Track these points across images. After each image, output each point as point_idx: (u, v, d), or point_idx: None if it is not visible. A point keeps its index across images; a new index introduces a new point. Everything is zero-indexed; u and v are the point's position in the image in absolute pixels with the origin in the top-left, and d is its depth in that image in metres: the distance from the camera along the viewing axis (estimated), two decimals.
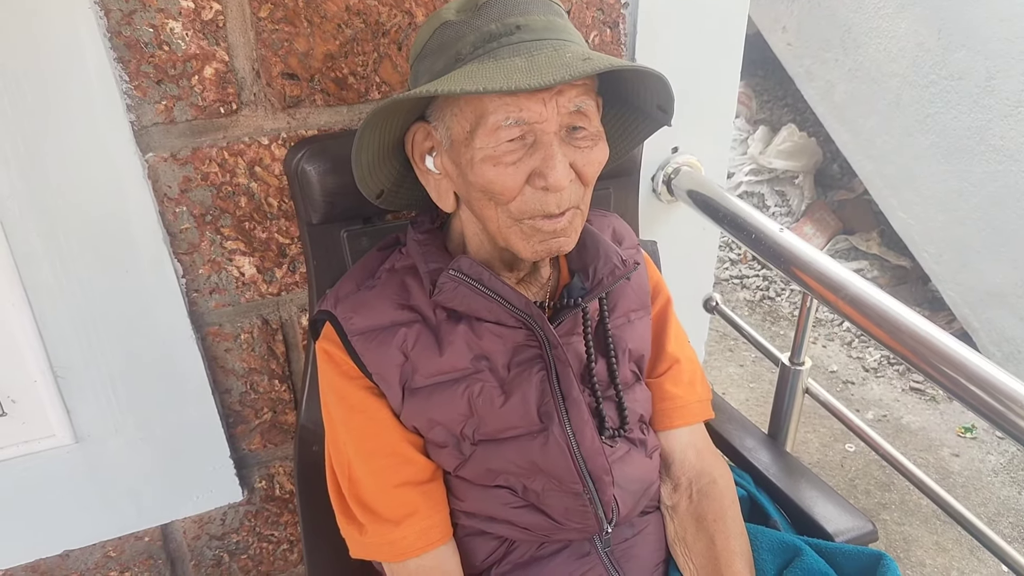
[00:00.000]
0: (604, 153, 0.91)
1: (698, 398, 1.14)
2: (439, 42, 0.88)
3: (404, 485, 0.97)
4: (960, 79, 3.07)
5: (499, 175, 0.86)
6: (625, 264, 1.02)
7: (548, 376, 0.97)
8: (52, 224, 1.11)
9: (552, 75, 0.77)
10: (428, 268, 0.97)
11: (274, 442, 1.45)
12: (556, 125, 0.85)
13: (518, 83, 0.77)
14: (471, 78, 0.80)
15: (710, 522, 1.05)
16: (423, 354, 0.96)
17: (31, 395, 1.20)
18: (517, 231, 0.91)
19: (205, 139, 1.17)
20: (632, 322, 1.08)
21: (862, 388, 3.16)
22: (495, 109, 0.83)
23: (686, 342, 1.18)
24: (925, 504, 2.54)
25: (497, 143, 0.85)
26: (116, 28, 1.06)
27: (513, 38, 0.84)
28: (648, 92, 0.94)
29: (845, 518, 1.16)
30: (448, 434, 0.97)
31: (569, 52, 0.82)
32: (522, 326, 0.97)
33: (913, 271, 3.65)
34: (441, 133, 0.91)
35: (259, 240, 1.27)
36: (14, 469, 1.24)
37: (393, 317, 0.97)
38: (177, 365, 1.28)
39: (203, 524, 1.47)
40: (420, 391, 0.96)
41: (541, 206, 0.88)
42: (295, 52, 1.15)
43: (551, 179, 0.85)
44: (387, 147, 0.96)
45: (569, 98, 0.85)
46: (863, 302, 1.08)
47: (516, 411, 0.96)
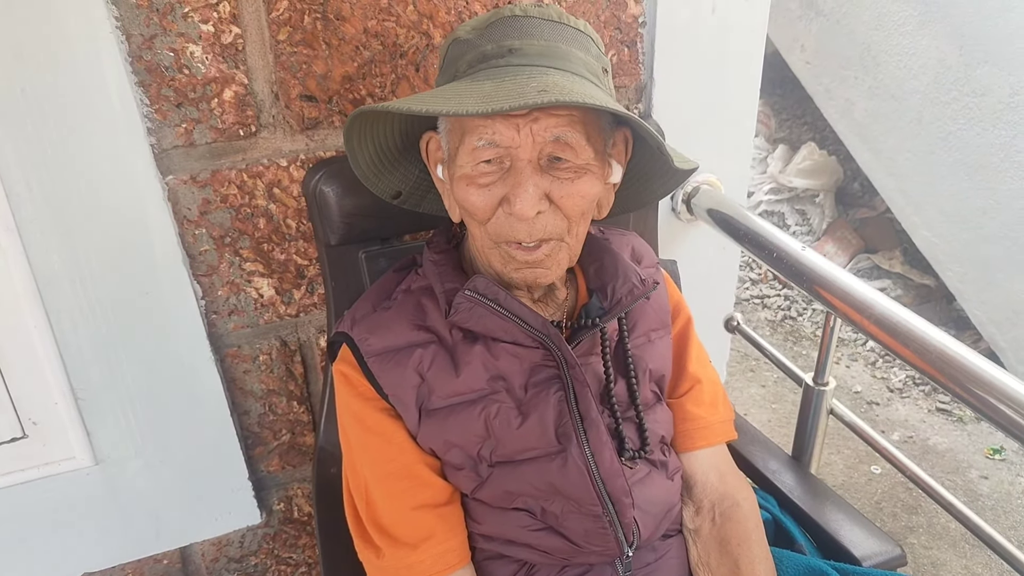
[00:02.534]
0: (589, 187, 0.89)
1: (720, 418, 1.11)
2: (449, 58, 0.90)
3: (421, 508, 0.96)
4: (983, 95, 3.04)
5: (471, 195, 0.87)
6: (644, 283, 1.00)
7: (566, 396, 0.96)
8: (73, 247, 1.12)
9: (498, 103, 0.76)
10: (444, 288, 0.96)
11: (292, 464, 1.45)
12: (532, 153, 0.84)
13: (456, 107, 0.77)
14: (432, 97, 0.82)
15: (734, 546, 1.03)
16: (439, 375, 0.95)
17: (52, 417, 1.20)
18: (496, 254, 0.92)
19: (224, 161, 1.17)
20: (652, 342, 1.07)
21: (887, 409, 3.11)
22: (472, 130, 0.84)
23: (708, 362, 1.16)
24: (954, 527, 2.49)
25: (474, 163, 0.86)
26: (137, 52, 1.07)
27: (502, 61, 0.84)
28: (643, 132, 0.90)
29: (873, 542, 1.13)
30: (465, 456, 0.96)
31: (536, 81, 0.80)
32: (539, 346, 0.96)
33: (937, 290, 3.60)
34: (444, 146, 0.93)
35: (277, 262, 1.27)
36: (35, 491, 1.24)
37: (409, 338, 0.96)
38: (196, 387, 1.28)
39: (221, 547, 1.47)
40: (437, 412, 0.95)
41: (511, 232, 0.88)
42: (313, 74, 1.16)
43: (516, 207, 0.84)
44: (391, 150, 0.98)
45: (546, 127, 0.83)
46: (889, 321, 1.06)
47: (533, 432, 0.95)
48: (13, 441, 1.20)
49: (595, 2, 1.30)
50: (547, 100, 0.76)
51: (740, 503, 1.07)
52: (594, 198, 0.90)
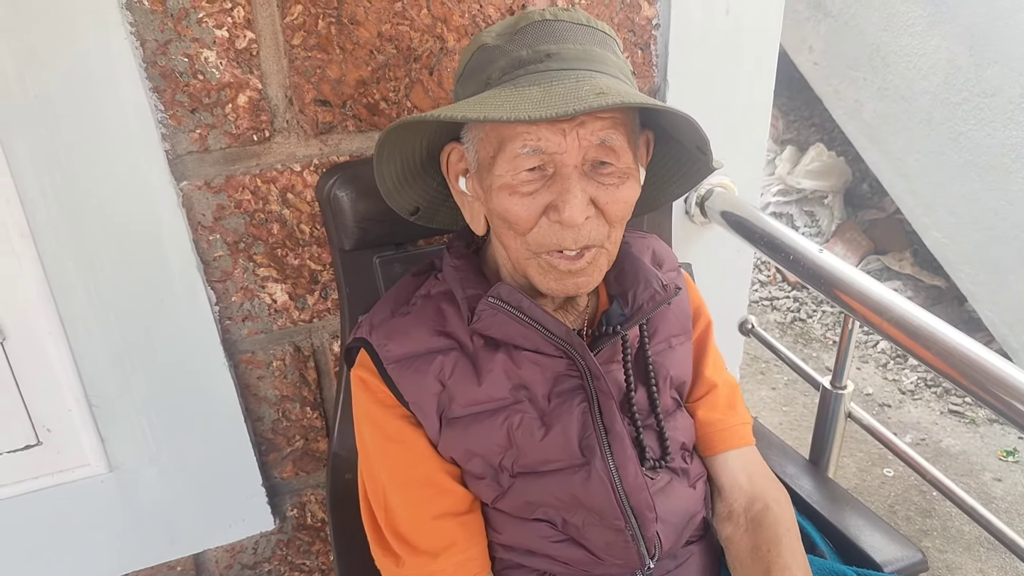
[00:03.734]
0: (632, 192, 0.87)
1: (739, 421, 1.10)
2: (475, 65, 0.87)
3: (442, 517, 0.94)
4: (994, 96, 3.03)
5: (514, 204, 0.85)
6: (666, 289, 0.99)
7: (590, 408, 0.94)
8: (88, 253, 1.11)
9: (557, 108, 0.74)
10: (465, 294, 0.94)
11: (306, 470, 1.44)
12: (577, 158, 0.82)
13: (519, 113, 0.75)
14: (481, 104, 0.79)
15: (764, 552, 1.00)
16: (460, 383, 0.93)
17: (66, 424, 1.20)
18: (535, 265, 0.89)
19: (238, 167, 1.17)
20: (673, 348, 1.05)
21: (899, 411, 3.10)
22: (514, 137, 0.81)
23: (724, 367, 1.15)
24: (968, 530, 2.47)
25: (516, 171, 0.83)
26: (151, 58, 1.07)
27: (541, 66, 0.82)
28: (685, 132, 0.90)
29: (894, 547, 1.12)
30: (486, 465, 0.95)
31: (588, 84, 0.78)
32: (562, 355, 0.94)
33: (948, 291, 3.59)
34: (471, 156, 0.90)
35: (291, 267, 1.26)
36: (49, 498, 1.24)
37: (429, 344, 0.95)
38: (210, 393, 1.27)
39: (235, 553, 1.46)
40: (458, 421, 0.94)
41: (557, 240, 0.85)
42: (328, 79, 1.16)
43: (565, 213, 0.82)
44: (415, 165, 0.95)
45: (592, 130, 0.81)
46: (909, 324, 1.05)
47: (557, 444, 0.93)
48: (27, 448, 1.20)
49: (609, 4, 1.30)
50: (610, 102, 0.74)
51: (770, 505, 1.04)
52: (633, 203, 0.89)
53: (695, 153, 0.94)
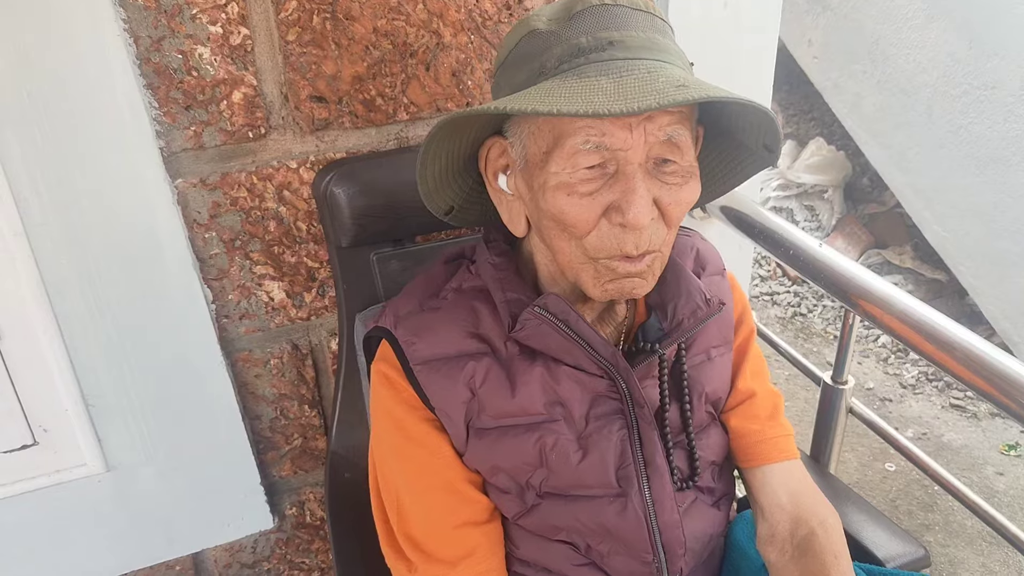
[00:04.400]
0: (695, 193, 0.80)
1: (783, 432, 1.01)
2: (524, 52, 0.79)
3: (463, 526, 0.90)
4: (994, 88, 3.02)
5: (572, 206, 0.77)
6: (708, 304, 0.92)
7: (629, 436, 0.89)
8: (83, 252, 1.10)
9: (639, 101, 0.68)
10: (505, 297, 0.87)
11: (304, 468, 1.43)
12: (642, 155, 0.75)
13: (598, 107, 0.68)
14: (548, 96, 0.71)
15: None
16: (492, 392, 0.88)
17: (62, 424, 1.19)
18: (589, 269, 0.82)
19: (234, 164, 1.16)
20: (711, 360, 0.98)
21: (900, 405, 3.09)
22: (574, 131, 0.75)
23: (765, 375, 1.07)
24: (970, 525, 2.46)
25: (574, 169, 0.76)
26: (145, 55, 1.06)
27: (604, 55, 0.74)
28: (753, 127, 0.83)
29: (895, 543, 1.11)
30: (512, 482, 0.90)
31: (664, 76, 0.72)
32: (604, 375, 0.89)
33: (949, 285, 3.58)
34: (516, 151, 0.82)
35: (288, 264, 1.26)
36: (46, 498, 1.23)
37: (460, 346, 0.89)
38: (207, 392, 1.27)
39: (234, 552, 1.45)
40: (486, 433, 0.89)
41: (618, 244, 0.78)
42: (323, 75, 1.15)
43: (630, 215, 0.75)
44: (458, 162, 0.88)
45: (660, 125, 0.75)
46: (911, 318, 1.04)
47: (593, 471, 0.88)
48: (24, 448, 1.19)
49: None
50: (696, 96, 0.68)
51: (815, 530, 0.96)
52: (692, 204, 0.82)
53: (749, 150, 0.89)
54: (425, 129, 1.24)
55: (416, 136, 1.24)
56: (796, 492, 0.99)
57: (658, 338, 0.91)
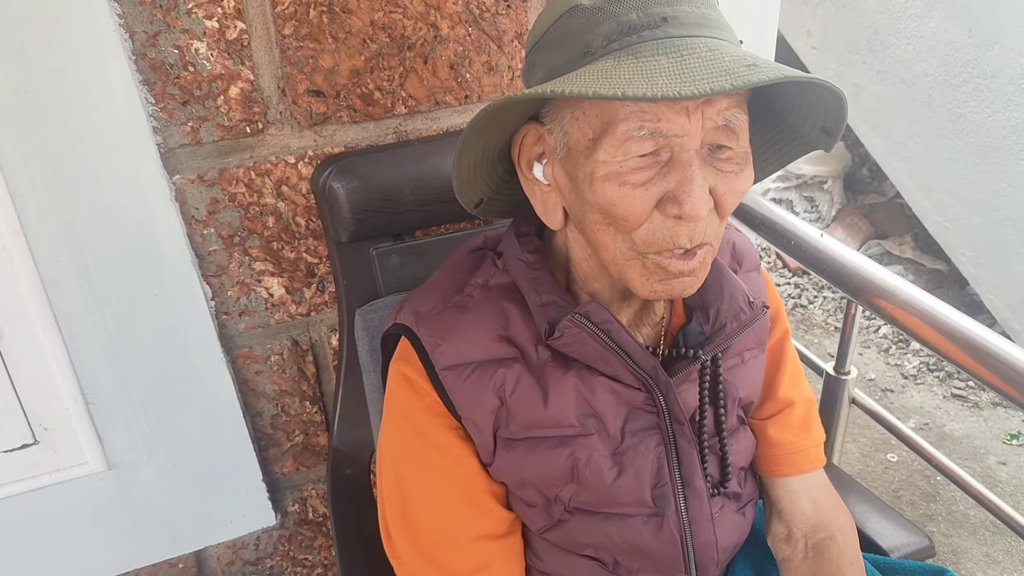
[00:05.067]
0: (749, 180, 0.75)
1: (813, 443, 0.99)
2: (565, 30, 0.72)
3: (480, 538, 0.86)
4: (993, 77, 3.01)
5: (624, 197, 0.71)
6: (752, 308, 0.87)
7: (667, 453, 0.86)
8: (81, 249, 1.10)
9: (709, 83, 0.62)
10: (541, 301, 0.82)
11: (306, 465, 1.43)
12: (698, 141, 0.70)
13: (665, 90, 0.62)
14: (606, 79, 0.65)
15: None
16: (523, 401, 0.83)
17: (63, 423, 1.18)
18: (637, 266, 0.76)
19: (232, 159, 1.16)
20: (746, 363, 0.94)
21: (901, 396, 3.09)
22: (627, 116, 0.69)
23: (802, 379, 1.03)
24: (973, 515, 2.46)
25: (625, 157, 0.70)
26: (141, 50, 1.05)
27: (658, 32, 0.68)
28: (812, 110, 0.77)
29: (900, 533, 1.11)
30: (539, 495, 0.86)
31: (728, 55, 0.66)
32: (641, 387, 0.85)
33: (949, 275, 3.58)
34: (556, 138, 0.76)
35: (287, 260, 1.25)
36: (47, 497, 1.23)
37: (489, 351, 0.83)
38: (208, 389, 1.26)
39: (237, 549, 1.45)
40: (516, 444, 0.84)
41: (671, 238, 0.72)
42: (320, 69, 1.14)
43: (687, 206, 0.69)
44: (493, 151, 0.82)
45: (719, 110, 0.69)
46: (914, 307, 1.03)
47: (627, 489, 0.85)
48: (24, 447, 1.18)
49: None
50: (771, 76, 0.63)
51: (835, 535, 0.96)
52: (745, 193, 0.77)
53: (796, 132, 0.83)
54: (424, 122, 1.23)
55: (415, 130, 1.23)
56: (818, 499, 0.98)
57: (699, 343, 0.87)
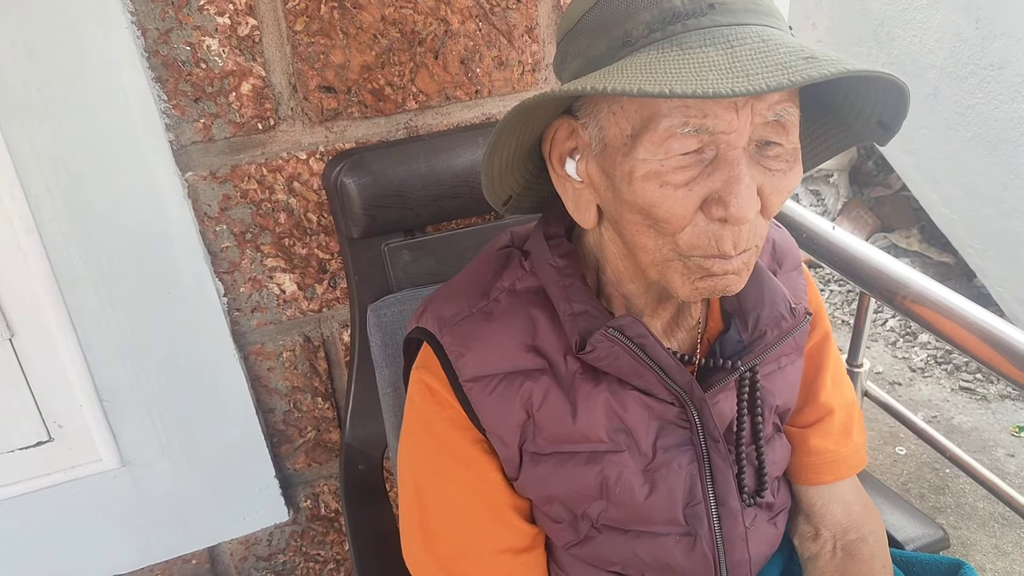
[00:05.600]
0: (798, 179, 0.70)
1: (853, 449, 0.96)
2: (602, 17, 0.67)
3: (502, 552, 0.84)
4: (1001, 68, 2.99)
5: (665, 198, 0.67)
6: (794, 315, 0.82)
7: (700, 471, 0.82)
8: (95, 246, 1.10)
9: (764, 78, 0.57)
10: (572, 310, 0.77)
11: (318, 461, 1.43)
12: (746, 138, 0.65)
13: (716, 86, 0.57)
14: (650, 73, 0.60)
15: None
16: (550, 415, 0.79)
17: (77, 420, 1.19)
18: (678, 267, 0.71)
19: (243, 156, 1.16)
20: (783, 368, 0.89)
21: (909, 389, 3.08)
22: (669, 112, 0.64)
23: (844, 382, 0.99)
24: (982, 507, 2.46)
25: (667, 155, 0.66)
26: (153, 47, 1.05)
27: (704, 20, 0.63)
28: (868, 102, 0.72)
29: (915, 525, 1.11)
30: (566, 511, 0.83)
31: (783, 46, 0.61)
32: (674, 402, 0.81)
33: (957, 267, 3.57)
34: (591, 133, 0.71)
35: (299, 256, 1.25)
36: (61, 494, 1.23)
37: (515, 361, 0.80)
38: (220, 385, 1.26)
39: (249, 545, 1.46)
40: (543, 459, 0.81)
41: (715, 242, 0.68)
42: (331, 64, 1.14)
43: (733, 208, 0.65)
44: (524, 149, 0.78)
45: (769, 104, 0.64)
46: (928, 299, 1.03)
47: (659, 507, 0.82)
48: (39, 445, 1.19)
49: None
50: (835, 70, 0.58)
51: (866, 537, 0.94)
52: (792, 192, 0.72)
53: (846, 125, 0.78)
54: (435, 117, 1.23)
55: (425, 125, 1.23)
56: (849, 502, 0.96)
57: (737, 352, 0.82)
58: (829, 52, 0.62)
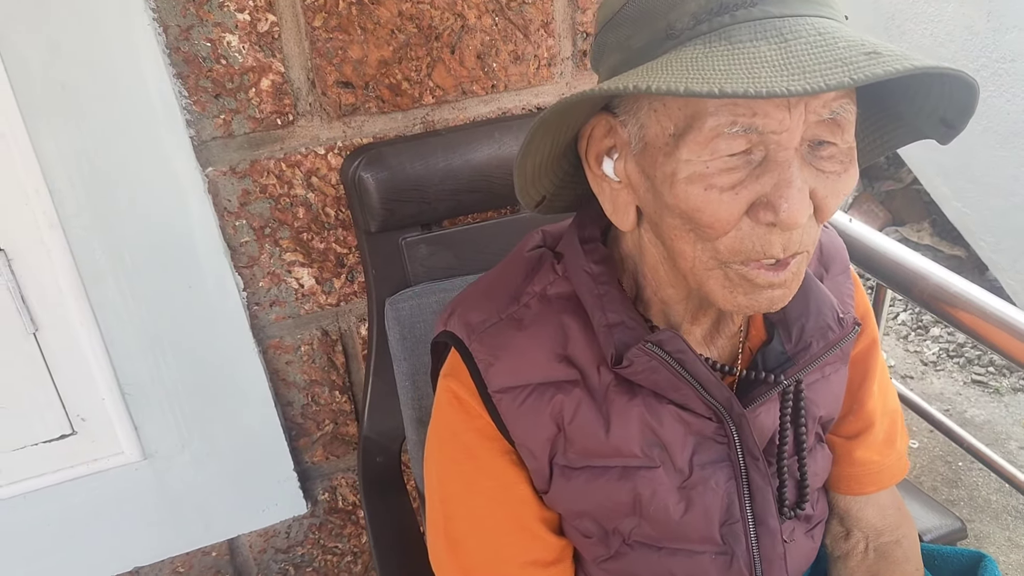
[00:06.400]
0: (854, 181, 0.65)
1: (896, 457, 0.93)
2: (644, 7, 0.63)
3: (529, 565, 0.81)
4: (1012, 61, 2.98)
5: (710, 202, 0.62)
6: (842, 325, 0.79)
7: (738, 488, 0.79)
8: (117, 242, 1.11)
9: (823, 76, 0.53)
10: (608, 321, 0.74)
11: (336, 454, 1.45)
12: (798, 138, 0.61)
13: (770, 85, 0.53)
14: (697, 70, 0.56)
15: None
16: (582, 429, 0.77)
17: (100, 413, 1.20)
18: (720, 276, 0.67)
19: (263, 151, 1.17)
20: (827, 377, 0.86)
21: (921, 383, 3.08)
22: (716, 110, 0.60)
23: (889, 389, 0.96)
24: (995, 500, 2.46)
25: (712, 157, 0.61)
26: (175, 44, 1.06)
27: (755, 11, 0.59)
28: (930, 98, 0.67)
29: (932, 516, 1.12)
30: (597, 526, 0.81)
31: (842, 39, 0.57)
32: (712, 417, 0.78)
33: (968, 261, 3.56)
34: (631, 131, 0.67)
35: (317, 251, 1.26)
36: (85, 487, 1.25)
37: (547, 372, 0.77)
38: (240, 379, 1.28)
39: (268, 538, 1.47)
40: (574, 474, 0.78)
41: (762, 247, 0.64)
42: (349, 60, 1.15)
43: (783, 213, 0.60)
44: (559, 148, 0.74)
45: (824, 102, 0.60)
46: (947, 292, 1.04)
47: (695, 526, 0.79)
48: (63, 438, 1.20)
49: None
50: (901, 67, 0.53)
51: (900, 541, 0.93)
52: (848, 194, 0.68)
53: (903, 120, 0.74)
54: (451, 112, 1.24)
55: (442, 120, 1.24)
56: (884, 505, 0.94)
57: (780, 364, 0.79)
58: (891, 46, 0.58)
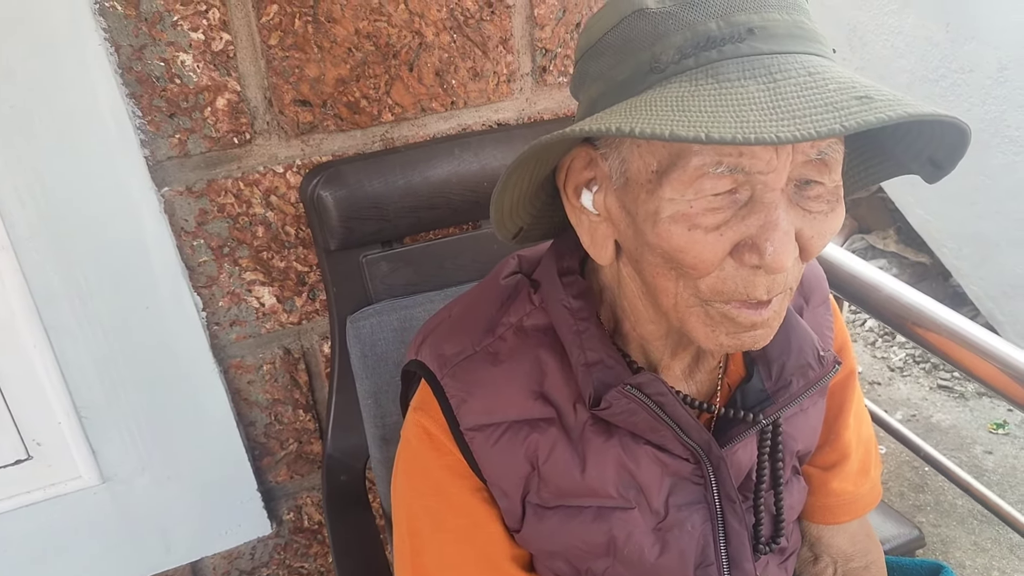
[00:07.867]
0: (840, 220, 0.64)
1: (870, 486, 0.93)
2: (627, 37, 0.61)
3: None
4: (971, 71, 3.04)
5: (694, 242, 0.60)
6: (822, 364, 0.77)
7: (713, 530, 0.78)
8: (71, 264, 1.10)
9: (813, 122, 0.51)
10: (586, 360, 0.72)
11: (300, 473, 1.43)
12: (785, 179, 0.59)
13: (759, 130, 0.51)
14: (683, 112, 0.54)
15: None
16: (557, 468, 0.75)
17: (56, 437, 1.18)
18: (700, 314, 0.66)
19: (220, 170, 1.16)
20: (805, 411, 0.85)
21: (888, 388, 3.12)
22: (701, 149, 0.58)
23: (865, 418, 0.96)
24: (961, 504, 2.49)
25: (696, 196, 0.60)
26: (127, 64, 1.05)
27: (743, 47, 0.57)
28: (920, 138, 0.66)
29: (890, 525, 1.13)
30: (569, 567, 0.79)
31: (832, 80, 0.55)
32: (690, 458, 0.76)
33: (933, 267, 3.61)
34: (612, 166, 0.65)
35: (277, 270, 1.25)
36: (42, 512, 1.22)
37: (522, 410, 0.74)
38: (201, 400, 1.26)
39: (232, 559, 1.45)
40: (546, 514, 0.76)
41: (744, 288, 0.62)
42: (306, 78, 1.15)
43: (769, 256, 0.59)
44: (537, 181, 0.72)
45: (813, 143, 0.58)
46: (896, 302, 1.05)
47: (670, 568, 0.78)
48: (18, 463, 1.18)
49: None
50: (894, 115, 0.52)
51: (869, 567, 0.93)
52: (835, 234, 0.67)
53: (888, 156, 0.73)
54: (410, 129, 1.24)
55: (401, 137, 1.24)
56: (855, 533, 0.94)
57: (759, 402, 0.77)
58: (883, 88, 0.56)
